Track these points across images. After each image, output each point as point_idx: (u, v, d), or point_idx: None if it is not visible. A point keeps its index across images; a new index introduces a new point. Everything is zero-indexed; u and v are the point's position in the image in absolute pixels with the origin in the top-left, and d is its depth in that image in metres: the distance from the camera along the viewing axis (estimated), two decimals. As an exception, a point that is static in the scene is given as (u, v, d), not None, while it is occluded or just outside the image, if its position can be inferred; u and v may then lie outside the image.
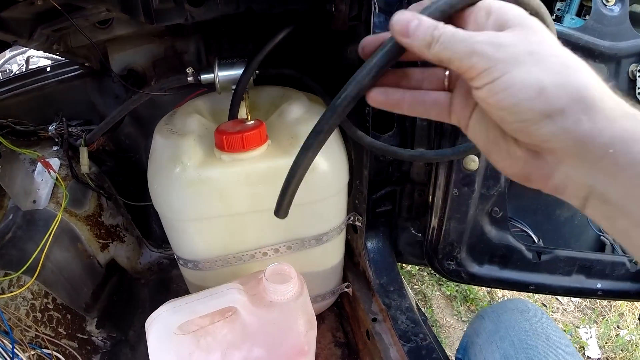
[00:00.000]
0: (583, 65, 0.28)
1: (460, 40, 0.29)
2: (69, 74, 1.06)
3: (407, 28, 0.30)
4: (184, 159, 0.73)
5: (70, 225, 1.01)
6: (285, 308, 0.66)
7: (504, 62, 0.28)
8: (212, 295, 0.64)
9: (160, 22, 0.84)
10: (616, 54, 0.80)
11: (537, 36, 0.28)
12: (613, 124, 0.26)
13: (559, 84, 0.27)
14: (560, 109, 0.27)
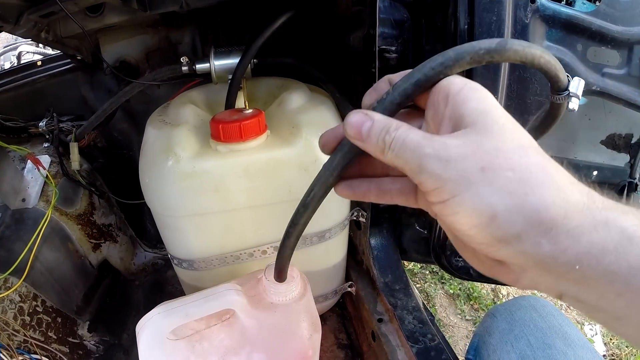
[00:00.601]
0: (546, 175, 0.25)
1: (410, 150, 0.27)
2: (60, 68, 1.02)
3: (360, 132, 0.29)
4: (177, 150, 0.69)
5: (61, 225, 0.97)
6: (287, 310, 0.62)
7: (453, 182, 0.25)
8: (208, 297, 0.60)
9: (154, 9, 0.80)
10: (628, 40, 0.77)
11: (492, 142, 0.26)
12: (579, 241, 0.25)
13: (513, 208, 0.25)
14: (516, 234, 0.25)
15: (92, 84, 1.02)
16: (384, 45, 0.74)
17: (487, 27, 0.69)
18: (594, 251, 0.24)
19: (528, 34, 0.70)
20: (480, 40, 0.29)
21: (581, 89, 0.34)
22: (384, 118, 0.29)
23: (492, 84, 0.69)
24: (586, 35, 0.74)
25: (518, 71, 0.71)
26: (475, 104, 0.27)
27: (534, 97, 0.72)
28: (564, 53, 0.73)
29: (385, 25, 0.74)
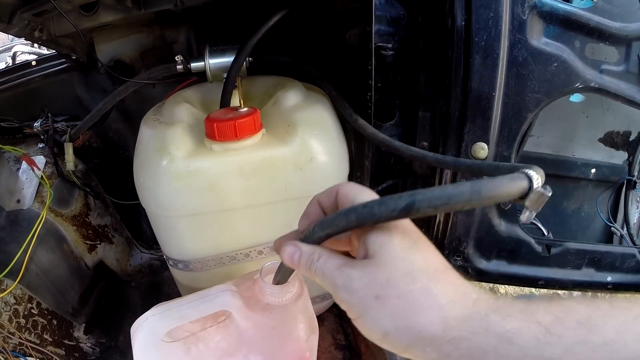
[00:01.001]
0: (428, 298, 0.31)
1: (327, 279, 0.34)
2: (55, 68, 1.02)
3: (292, 261, 0.37)
4: (172, 149, 0.68)
5: (56, 226, 0.96)
6: (283, 311, 0.61)
7: (356, 307, 0.32)
8: (203, 299, 0.59)
9: (149, 7, 0.79)
10: (627, 36, 0.76)
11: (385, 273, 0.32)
12: (459, 347, 0.30)
13: (399, 329, 0.31)
14: (405, 347, 0.31)
15: (87, 84, 1.02)
16: (380, 43, 0.73)
17: (484, 24, 0.68)
18: (475, 353, 0.30)
19: (526, 31, 0.70)
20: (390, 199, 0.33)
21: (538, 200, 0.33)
22: (309, 248, 0.36)
23: (489, 81, 0.69)
24: (584, 32, 0.74)
25: (516, 68, 0.70)
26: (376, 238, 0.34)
27: (531, 94, 0.71)
28: (562, 50, 0.72)
29: (381, 23, 0.74)
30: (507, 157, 0.73)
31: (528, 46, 0.70)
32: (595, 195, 0.95)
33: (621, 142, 0.94)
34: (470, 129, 0.70)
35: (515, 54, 0.70)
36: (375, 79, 0.73)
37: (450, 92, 0.70)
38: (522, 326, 0.30)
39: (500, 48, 0.69)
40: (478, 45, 0.68)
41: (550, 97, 0.72)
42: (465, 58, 0.69)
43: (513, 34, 0.69)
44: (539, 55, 0.71)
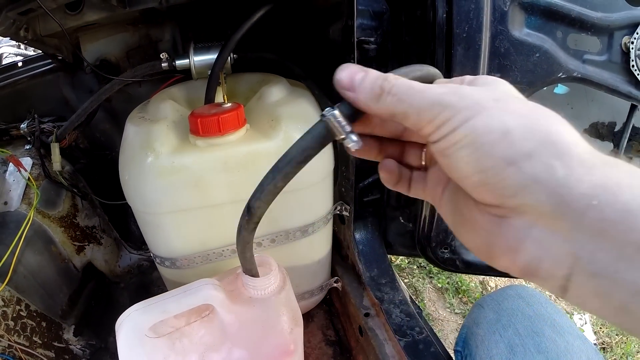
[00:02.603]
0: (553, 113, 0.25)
1: (419, 91, 0.26)
2: (41, 68, 1.01)
3: (353, 80, 0.28)
4: (156, 145, 0.68)
5: (44, 227, 0.95)
6: (266, 304, 0.60)
7: (467, 109, 0.25)
8: (185, 293, 0.59)
9: (134, 5, 0.79)
10: (609, 26, 0.76)
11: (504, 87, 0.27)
12: (592, 172, 0.23)
13: (526, 127, 0.24)
14: (528, 152, 0.23)
15: (73, 84, 1.01)
16: (362, 37, 0.73)
17: (466, 16, 0.68)
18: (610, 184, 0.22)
19: (507, 22, 0.70)
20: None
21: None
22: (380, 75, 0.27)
23: (471, 72, 0.69)
24: (566, 22, 0.74)
25: (498, 59, 0.70)
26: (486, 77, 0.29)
27: (514, 84, 0.70)
28: (544, 40, 0.72)
29: (364, 17, 0.74)
30: (492, 148, 0.73)
31: (510, 37, 0.70)
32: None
33: (606, 132, 0.95)
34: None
35: (497, 45, 0.70)
36: (358, 73, 0.73)
37: (433, 84, 0.70)
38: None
39: (481, 39, 0.69)
40: (459, 36, 0.68)
41: (533, 87, 0.73)
42: (447, 50, 0.69)
43: (494, 25, 0.70)
44: (521, 46, 0.71)
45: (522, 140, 0.23)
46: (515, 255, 0.25)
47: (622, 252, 0.22)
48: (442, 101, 0.25)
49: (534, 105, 0.25)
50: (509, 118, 0.24)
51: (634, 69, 0.78)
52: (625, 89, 0.78)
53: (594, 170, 0.23)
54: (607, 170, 0.23)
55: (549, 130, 0.24)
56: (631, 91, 0.78)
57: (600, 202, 0.22)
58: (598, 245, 0.22)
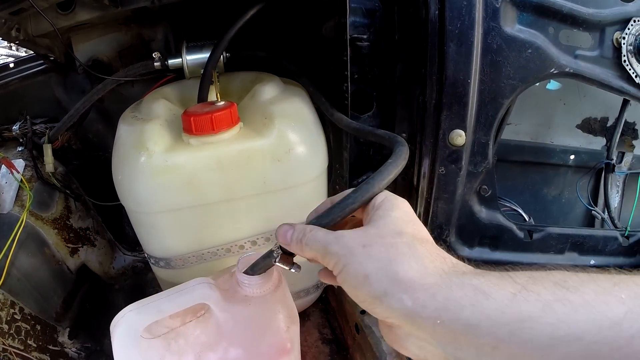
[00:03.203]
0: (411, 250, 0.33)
1: (320, 240, 0.37)
2: (33, 69, 1.01)
3: (285, 237, 0.40)
4: (150, 144, 0.68)
5: (37, 230, 0.95)
6: (261, 302, 0.60)
7: (343, 256, 0.35)
8: (180, 292, 0.58)
9: (126, 5, 0.79)
10: (600, 22, 0.77)
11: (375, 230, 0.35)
12: (435, 297, 0.30)
13: (380, 271, 0.32)
14: (383, 291, 0.32)
15: (65, 85, 1.01)
16: (355, 34, 0.73)
17: (458, 12, 0.68)
18: (451, 306, 0.30)
19: (499, 18, 0.70)
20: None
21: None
22: (302, 226, 0.39)
23: (464, 68, 0.69)
24: (557, 18, 0.75)
25: (490, 55, 0.70)
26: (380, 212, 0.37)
27: (507, 80, 0.71)
28: (536, 36, 0.73)
29: (356, 14, 0.74)
30: (485, 144, 0.73)
31: (502, 33, 0.71)
32: (575, 181, 0.96)
33: (599, 128, 0.95)
34: (447, 116, 0.70)
35: (490, 41, 0.70)
36: (351, 71, 0.73)
37: (426, 81, 0.71)
38: (499, 283, 0.30)
39: (474, 36, 0.69)
40: (452, 33, 0.69)
41: (525, 83, 0.73)
42: (439, 46, 0.69)
43: (487, 22, 0.70)
44: (513, 42, 0.71)
45: (378, 281, 0.32)
46: (406, 351, 0.35)
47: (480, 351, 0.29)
48: (329, 251, 0.36)
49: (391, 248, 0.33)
50: (368, 265, 0.33)
51: (625, 64, 0.78)
52: (617, 84, 0.78)
53: (437, 295, 0.30)
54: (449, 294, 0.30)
55: (397, 270, 0.32)
56: (623, 86, 0.78)
57: (443, 320, 0.30)
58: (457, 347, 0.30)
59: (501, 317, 0.28)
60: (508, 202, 0.88)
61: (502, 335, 0.28)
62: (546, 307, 0.28)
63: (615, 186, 0.95)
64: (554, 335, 0.27)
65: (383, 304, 0.32)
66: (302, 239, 0.38)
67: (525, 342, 0.28)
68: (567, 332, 0.27)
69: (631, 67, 0.78)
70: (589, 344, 0.26)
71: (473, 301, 0.29)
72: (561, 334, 0.27)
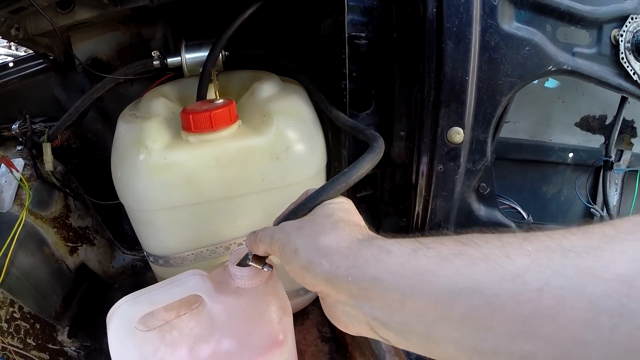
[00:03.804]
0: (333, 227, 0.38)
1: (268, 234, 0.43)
2: (32, 69, 1.01)
3: (249, 242, 0.47)
4: (148, 142, 0.68)
5: (36, 228, 0.95)
6: (254, 294, 0.60)
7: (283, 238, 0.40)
8: (173, 284, 0.58)
9: (125, 4, 0.80)
10: (597, 19, 0.77)
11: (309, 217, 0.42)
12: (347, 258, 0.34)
13: (306, 244, 0.37)
14: (308, 260, 0.36)
15: (64, 84, 1.01)
16: (353, 32, 0.73)
17: (456, 10, 0.68)
18: (359, 264, 0.33)
19: (497, 16, 0.70)
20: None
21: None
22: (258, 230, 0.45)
23: (462, 66, 0.69)
24: (555, 16, 0.75)
25: (488, 53, 0.71)
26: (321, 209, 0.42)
27: (505, 77, 0.72)
28: (534, 34, 0.73)
29: (354, 13, 0.74)
30: (484, 141, 0.73)
31: (500, 31, 0.71)
32: (573, 179, 0.96)
33: (597, 126, 0.95)
34: (445, 114, 0.70)
35: (487, 38, 0.70)
36: (350, 69, 0.74)
37: (424, 79, 0.71)
38: (404, 242, 0.32)
39: (472, 33, 0.69)
40: (450, 31, 0.69)
41: (523, 80, 0.73)
42: (437, 44, 0.69)
43: (484, 20, 0.70)
44: (511, 39, 0.71)
45: (305, 252, 0.37)
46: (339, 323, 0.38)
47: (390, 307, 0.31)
48: (274, 239, 0.42)
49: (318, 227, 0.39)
50: (299, 241, 0.38)
51: (623, 61, 0.78)
52: (615, 81, 0.78)
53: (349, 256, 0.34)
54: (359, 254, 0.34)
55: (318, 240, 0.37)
56: (621, 83, 0.78)
57: (354, 277, 0.33)
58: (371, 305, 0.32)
59: (401, 270, 0.30)
60: (507, 200, 0.88)
61: (404, 288, 0.30)
62: (444, 261, 0.29)
63: (613, 184, 0.95)
64: (453, 288, 0.27)
65: (310, 272, 0.36)
66: (256, 239, 0.44)
67: (426, 295, 0.28)
68: (465, 284, 0.27)
69: (629, 64, 0.78)
70: (490, 296, 0.26)
71: (377, 258, 0.32)
72: (460, 286, 0.27)
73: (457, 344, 0.28)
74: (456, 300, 0.27)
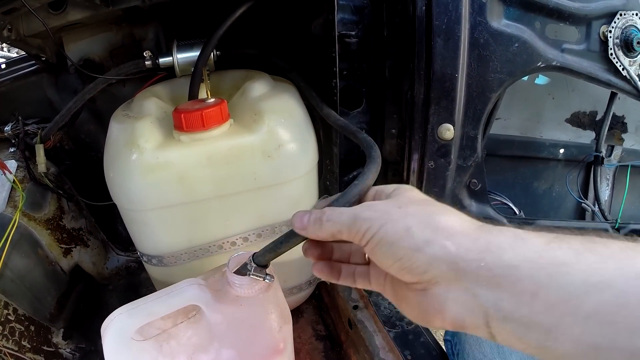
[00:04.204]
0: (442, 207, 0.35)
1: (344, 213, 0.36)
2: (24, 70, 1.01)
3: (302, 221, 0.39)
4: (141, 142, 0.68)
5: (30, 230, 0.94)
6: (253, 303, 0.59)
7: (379, 219, 0.34)
8: (170, 294, 0.57)
9: (117, 4, 0.80)
10: (586, 15, 0.78)
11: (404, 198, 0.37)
12: (477, 241, 0.31)
13: (421, 223, 0.33)
14: (426, 240, 0.32)
15: (57, 85, 1.01)
16: (344, 31, 0.74)
17: (445, 8, 0.69)
18: (493, 248, 0.30)
19: (486, 13, 0.71)
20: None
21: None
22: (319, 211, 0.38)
23: (451, 63, 0.70)
24: (544, 13, 0.75)
25: (477, 50, 0.71)
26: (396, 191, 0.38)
27: (494, 74, 0.72)
28: (523, 30, 0.73)
29: (345, 11, 0.75)
30: (474, 138, 0.74)
31: (489, 28, 0.71)
32: (565, 175, 0.97)
33: (588, 121, 0.96)
34: (435, 111, 0.71)
35: (477, 36, 0.71)
36: (340, 67, 0.74)
37: (414, 76, 0.71)
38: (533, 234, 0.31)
39: (461, 31, 0.70)
40: (439, 28, 0.69)
41: (512, 77, 0.74)
42: (427, 42, 0.70)
43: (473, 17, 0.71)
44: (500, 36, 0.72)
45: (420, 232, 0.32)
46: (443, 315, 0.33)
47: (520, 299, 0.29)
48: (360, 216, 0.35)
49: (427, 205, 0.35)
50: (409, 219, 0.33)
51: (612, 57, 0.79)
52: (604, 77, 0.79)
53: (478, 239, 0.31)
54: (490, 238, 0.31)
55: (438, 220, 0.33)
56: (610, 79, 0.79)
57: (487, 262, 0.30)
58: (498, 296, 0.30)
59: (539, 260, 0.29)
60: (498, 196, 0.89)
61: (541, 279, 0.29)
62: (578, 255, 0.29)
63: (605, 179, 0.96)
64: (588, 282, 0.28)
65: (426, 254, 0.32)
66: (322, 217, 0.37)
67: (562, 287, 0.28)
68: (599, 279, 0.28)
69: (618, 60, 0.79)
70: (619, 292, 0.27)
71: (513, 245, 0.30)
72: (594, 280, 0.28)
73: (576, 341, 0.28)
74: (589, 295, 0.27)
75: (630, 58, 0.78)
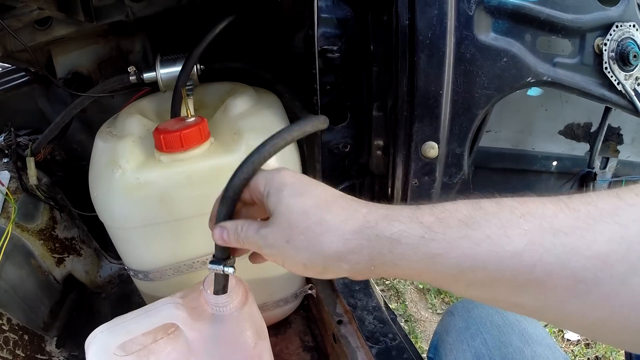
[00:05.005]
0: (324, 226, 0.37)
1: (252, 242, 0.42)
2: (15, 81, 1.01)
3: (223, 239, 0.45)
4: (122, 162, 0.68)
5: (22, 241, 0.96)
6: (228, 320, 0.60)
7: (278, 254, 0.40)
8: (147, 313, 0.59)
9: (101, 20, 0.80)
10: (580, 28, 0.75)
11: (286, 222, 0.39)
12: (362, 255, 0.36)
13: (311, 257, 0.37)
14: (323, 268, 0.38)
15: (48, 96, 1.01)
16: (326, 45, 0.72)
17: (429, 22, 0.67)
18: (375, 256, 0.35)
19: (473, 27, 0.69)
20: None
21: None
22: (231, 224, 0.44)
23: (436, 79, 0.68)
24: (535, 25, 0.73)
25: (463, 65, 0.69)
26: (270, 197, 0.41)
27: (481, 90, 0.70)
28: (512, 44, 0.71)
29: (327, 25, 0.73)
30: (460, 155, 0.72)
31: (476, 42, 0.69)
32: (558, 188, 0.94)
33: (582, 133, 0.93)
34: (419, 129, 0.69)
35: (463, 50, 0.69)
36: (324, 81, 0.73)
37: (397, 92, 0.70)
38: (408, 228, 0.34)
39: (446, 45, 0.68)
40: (423, 43, 0.67)
41: (501, 93, 0.71)
42: (410, 57, 0.68)
43: (459, 31, 0.68)
44: (488, 50, 0.70)
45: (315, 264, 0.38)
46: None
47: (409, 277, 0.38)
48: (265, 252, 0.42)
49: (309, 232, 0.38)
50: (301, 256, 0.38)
51: (607, 70, 0.76)
52: (598, 92, 0.76)
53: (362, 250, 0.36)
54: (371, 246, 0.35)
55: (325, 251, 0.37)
56: (604, 94, 0.76)
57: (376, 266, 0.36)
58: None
59: (414, 256, 0.34)
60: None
61: (419, 269, 0.34)
62: (451, 245, 0.32)
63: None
64: (461, 267, 0.32)
65: (330, 274, 0.38)
66: (239, 238, 0.43)
67: (438, 272, 0.33)
68: (472, 263, 0.32)
69: (613, 74, 0.76)
70: (492, 271, 0.31)
71: (390, 248, 0.34)
72: (466, 265, 0.32)
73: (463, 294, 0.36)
74: (463, 275, 0.32)
75: (626, 72, 0.75)
